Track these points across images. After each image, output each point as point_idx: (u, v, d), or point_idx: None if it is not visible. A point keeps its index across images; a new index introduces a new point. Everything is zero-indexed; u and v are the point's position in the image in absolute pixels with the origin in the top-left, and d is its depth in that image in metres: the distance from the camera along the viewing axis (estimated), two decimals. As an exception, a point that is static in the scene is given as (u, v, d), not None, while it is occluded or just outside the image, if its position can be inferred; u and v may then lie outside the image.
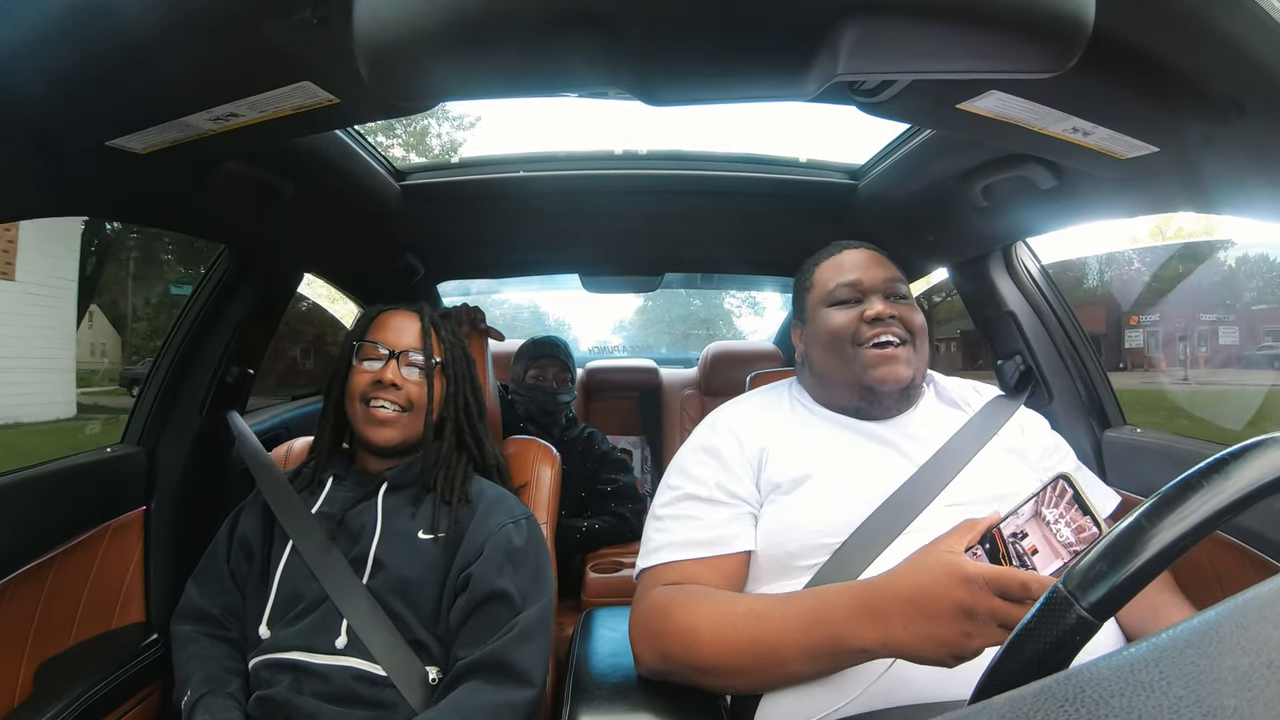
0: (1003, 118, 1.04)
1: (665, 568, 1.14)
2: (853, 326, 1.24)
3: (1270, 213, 1.10)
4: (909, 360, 1.22)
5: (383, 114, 1.20)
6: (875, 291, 1.25)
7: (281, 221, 1.56)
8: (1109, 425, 1.67)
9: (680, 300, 11.01)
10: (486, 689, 1.16)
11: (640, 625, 1.11)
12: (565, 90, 0.86)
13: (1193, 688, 0.30)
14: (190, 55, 0.84)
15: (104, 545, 1.42)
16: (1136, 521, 0.53)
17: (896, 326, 1.22)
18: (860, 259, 1.30)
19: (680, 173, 1.86)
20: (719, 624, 1.00)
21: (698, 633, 1.01)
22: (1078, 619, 0.50)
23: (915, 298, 1.30)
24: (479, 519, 1.32)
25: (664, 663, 1.06)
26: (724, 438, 1.24)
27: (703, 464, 1.22)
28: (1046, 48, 0.64)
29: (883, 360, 1.21)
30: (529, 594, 1.27)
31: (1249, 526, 1.19)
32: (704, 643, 1.00)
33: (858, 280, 1.27)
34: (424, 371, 1.39)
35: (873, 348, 1.21)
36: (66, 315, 3.53)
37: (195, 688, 1.18)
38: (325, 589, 1.22)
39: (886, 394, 1.23)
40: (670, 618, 1.05)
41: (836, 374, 1.27)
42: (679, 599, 1.07)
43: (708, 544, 1.13)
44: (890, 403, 1.25)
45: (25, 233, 2.90)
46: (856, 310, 1.25)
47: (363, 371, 1.36)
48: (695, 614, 1.03)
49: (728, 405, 1.36)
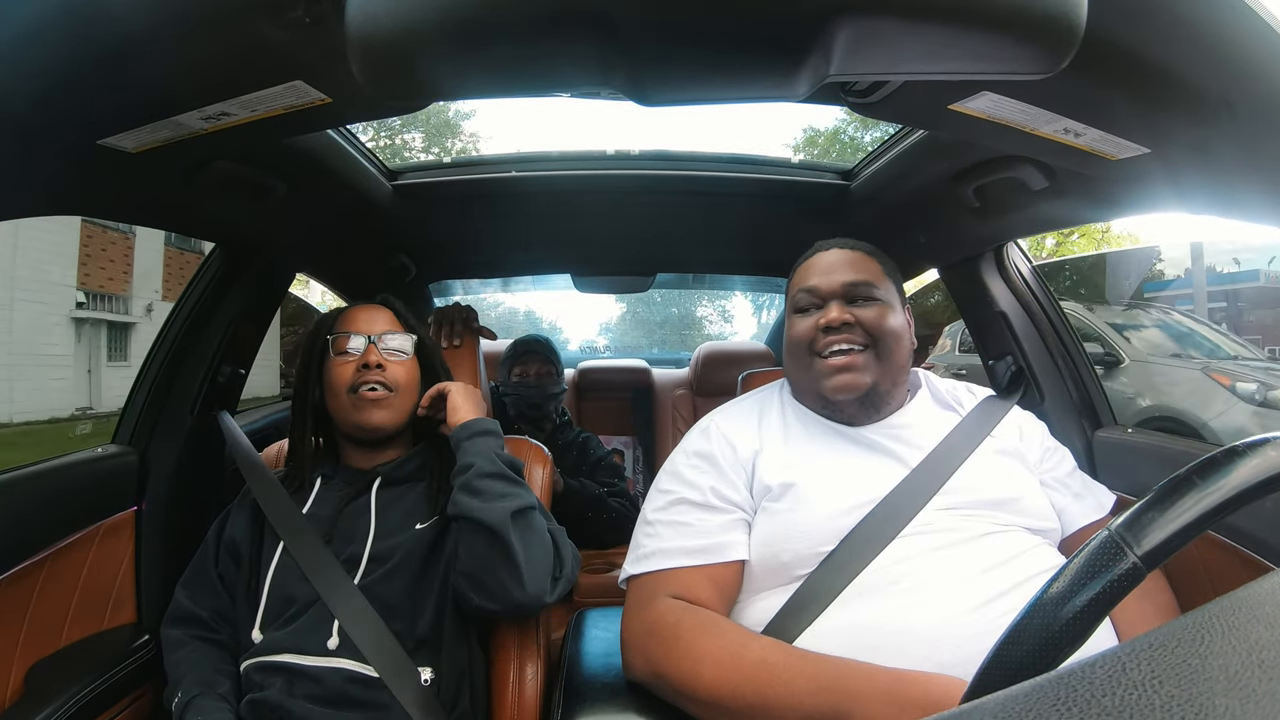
0: (995, 119, 1.04)
1: (659, 575, 1.12)
2: (810, 335, 1.23)
3: (1260, 214, 1.11)
4: (867, 366, 1.20)
5: (375, 114, 1.20)
6: (834, 297, 1.23)
7: (273, 221, 1.55)
8: (1100, 425, 1.68)
9: (658, 307, 11.24)
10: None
11: (638, 638, 1.09)
12: (557, 90, 0.86)
13: (1184, 687, 0.31)
14: (182, 54, 0.84)
15: (95, 546, 1.41)
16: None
17: (853, 333, 1.20)
18: (829, 261, 1.28)
19: (673, 173, 1.86)
20: (727, 665, 0.98)
21: (700, 668, 0.99)
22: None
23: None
24: None
25: (656, 680, 1.05)
26: (717, 444, 1.23)
27: (697, 469, 1.21)
28: (1039, 49, 0.64)
29: (835, 370, 1.19)
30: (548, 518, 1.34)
31: (1241, 527, 1.20)
32: (704, 680, 0.98)
33: (816, 286, 1.25)
34: (402, 353, 1.40)
35: (828, 357, 1.20)
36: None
37: (186, 689, 1.18)
38: (317, 590, 1.22)
39: (845, 404, 1.22)
40: (676, 641, 1.03)
41: (802, 381, 1.28)
42: (687, 623, 1.04)
43: (702, 551, 1.12)
44: (855, 410, 1.23)
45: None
46: (814, 318, 1.23)
47: (343, 363, 1.35)
48: (703, 646, 1.01)
49: (720, 410, 1.35)
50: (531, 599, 1.18)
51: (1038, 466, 1.26)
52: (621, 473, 2.62)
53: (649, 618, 1.09)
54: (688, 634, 1.03)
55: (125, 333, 7.45)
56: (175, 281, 7.80)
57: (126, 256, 7.35)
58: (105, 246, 7.16)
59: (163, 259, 7.16)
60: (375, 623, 1.20)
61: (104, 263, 7.21)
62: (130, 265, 7.38)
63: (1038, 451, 1.28)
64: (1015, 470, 1.20)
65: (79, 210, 1.18)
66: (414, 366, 1.41)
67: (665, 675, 1.03)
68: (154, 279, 7.71)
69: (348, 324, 1.39)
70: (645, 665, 1.07)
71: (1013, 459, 1.22)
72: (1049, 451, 1.30)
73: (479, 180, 1.85)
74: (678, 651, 1.02)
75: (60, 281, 6.73)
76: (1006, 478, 1.17)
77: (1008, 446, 1.24)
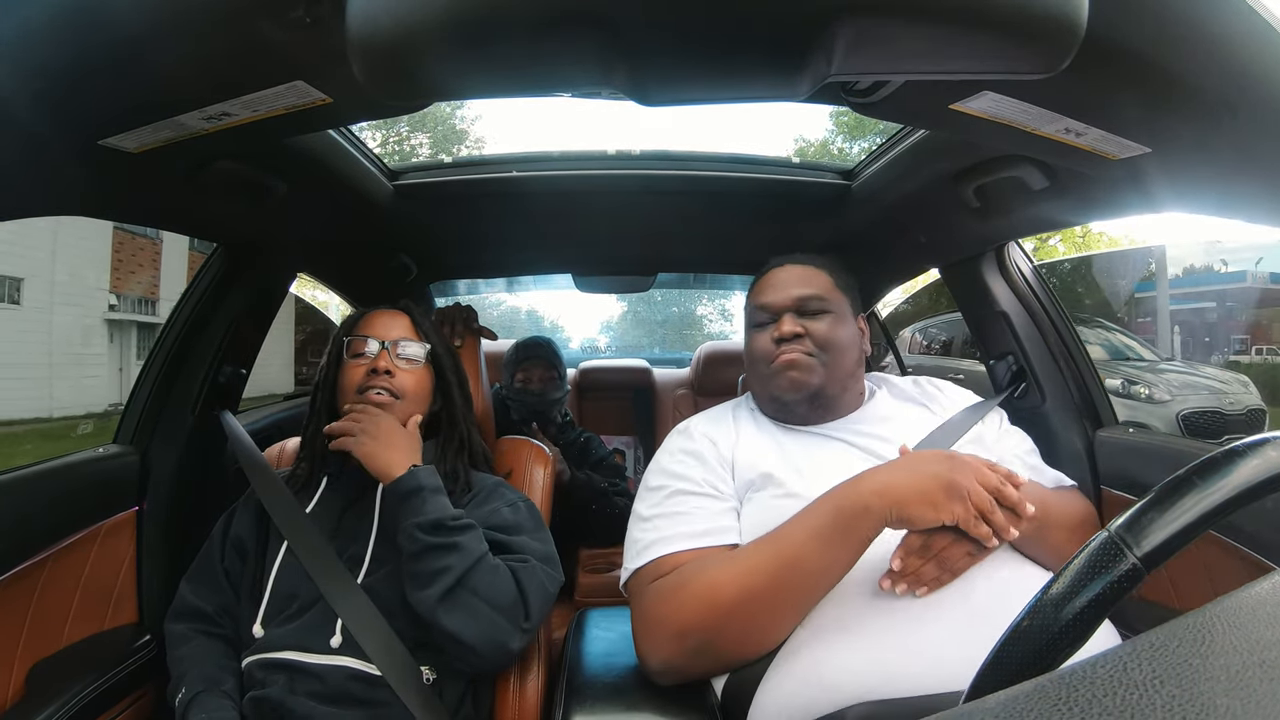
0: (996, 118, 1.04)
1: (659, 562, 1.13)
2: (766, 348, 1.31)
3: (1260, 215, 1.11)
4: (814, 369, 1.27)
5: (376, 114, 1.20)
6: (785, 310, 1.32)
7: (274, 221, 1.56)
8: (1101, 425, 1.68)
9: (659, 306, 11.30)
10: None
11: (648, 616, 1.10)
12: (558, 90, 0.86)
13: (1186, 686, 0.31)
14: (183, 54, 0.84)
15: (96, 546, 1.42)
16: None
17: (803, 343, 1.28)
18: (781, 278, 1.36)
19: (674, 173, 1.86)
20: (738, 560, 1.06)
21: (715, 581, 1.04)
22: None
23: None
24: (477, 502, 1.35)
25: (681, 641, 1.06)
26: (701, 441, 1.29)
27: (686, 464, 1.25)
28: (1040, 49, 0.64)
29: (784, 367, 1.27)
30: (531, 535, 1.32)
31: (1242, 526, 1.20)
32: (722, 585, 1.03)
33: (768, 302, 1.34)
34: (414, 361, 1.42)
35: (778, 359, 1.28)
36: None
37: (190, 686, 1.18)
38: (320, 589, 1.22)
39: (795, 403, 1.29)
40: (684, 586, 1.07)
41: (760, 390, 1.36)
42: (688, 571, 1.08)
43: (704, 534, 1.14)
44: (806, 411, 1.31)
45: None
46: (769, 331, 1.31)
47: (355, 366, 1.38)
48: (712, 570, 1.06)
49: (695, 417, 1.41)
50: (489, 662, 1.20)
51: (995, 446, 1.31)
52: (623, 472, 2.62)
53: (651, 596, 1.11)
54: (695, 575, 1.07)
55: (154, 334, 7.51)
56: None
57: (155, 260, 7.45)
58: (135, 251, 7.27)
59: (187, 262, 7.25)
60: (378, 622, 1.20)
61: (134, 267, 7.30)
62: (158, 269, 7.48)
63: (995, 433, 1.35)
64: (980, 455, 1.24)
65: (80, 210, 1.18)
66: (425, 375, 1.44)
67: (686, 624, 1.05)
68: (180, 281, 7.81)
69: (365, 327, 1.43)
70: (664, 632, 1.07)
71: (975, 445, 1.28)
72: (1006, 433, 1.37)
73: (480, 180, 1.84)
74: (690, 591, 1.06)
75: (96, 285, 6.88)
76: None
77: (971, 435, 1.30)
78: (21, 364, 6.43)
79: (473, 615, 1.15)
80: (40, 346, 6.47)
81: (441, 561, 1.16)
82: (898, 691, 0.92)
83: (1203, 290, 7.23)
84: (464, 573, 1.16)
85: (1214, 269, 7.17)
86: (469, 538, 1.19)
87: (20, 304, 6.20)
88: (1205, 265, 7.24)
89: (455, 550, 1.17)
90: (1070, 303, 7.19)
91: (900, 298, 7.97)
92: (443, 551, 1.17)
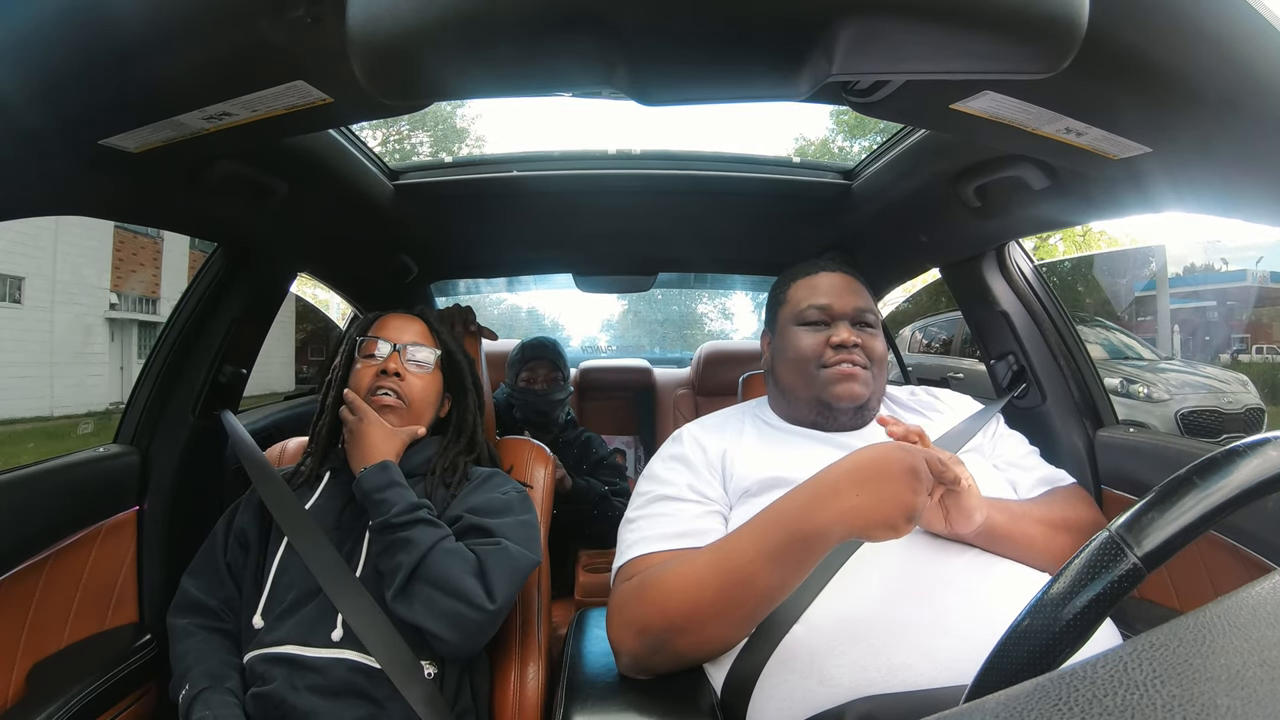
0: (996, 118, 1.04)
1: (636, 561, 1.15)
2: (819, 350, 1.30)
3: (1261, 214, 1.11)
4: (866, 381, 1.29)
5: (376, 113, 1.20)
6: (844, 318, 1.32)
7: (275, 221, 1.56)
8: (1102, 425, 1.68)
9: (659, 305, 11.31)
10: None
11: (616, 613, 1.12)
12: (559, 90, 0.86)
13: (1186, 686, 0.31)
14: (183, 54, 0.84)
15: (97, 545, 1.42)
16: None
17: (859, 354, 1.29)
18: (835, 283, 1.36)
19: (674, 173, 1.86)
20: (687, 572, 1.04)
21: (668, 588, 1.05)
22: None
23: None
24: (473, 490, 1.38)
25: (641, 639, 1.07)
26: (689, 447, 1.30)
27: (672, 469, 1.27)
28: (1040, 48, 0.64)
29: (843, 377, 1.27)
30: (513, 517, 1.33)
31: (1243, 526, 1.20)
32: (673, 593, 1.04)
33: (829, 305, 1.33)
34: (424, 365, 1.44)
35: (835, 366, 1.28)
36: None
37: (194, 682, 1.18)
38: (320, 583, 1.23)
39: (842, 410, 1.29)
40: (643, 588, 1.08)
41: (798, 390, 1.33)
42: (650, 574, 1.09)
43: (679, 536, 1.15)
44: (848, 418, 1.31)
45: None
46: (824, 334, 1.31)
47: (366, 367, 1.41)
48: (666, 576, 1.06)
49: (692, 423, 1.42)
50: (461, 647, 1.21)
51: (991, 453, 1.33)
52: (623, 472, 2.62)
53: (619, 594, 1.13)
54: (653, 578, 1.08)
55: (155, 333, 7.56)
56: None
57: (155, 259, 7.48)
58: (135, 250, 7.28)
59: (187, 261, 7.26)
60: (378, 616, 1.21)
61: (134, 266, 7.32)
62: (159, 268, 7.50)
63: (990, 441, 1.35)
64: (978, 464, 1.25)
65: (80, 210, 1.18)
66: (435, 380, 1.47)
67: (646, 624, 1.06)
68: (180, 280, 7.84)
69: (379, 330, 1.46)
70: (628, 632, 1.08)
71: (974, 454, 1.29)
72: (1001, 438, 1.37)
73: (480, 180, 1.84)
74: (646, 595, 1.07)
75: (96, 284, 6.90)
76: (977, 474, 1.20)
77: (971, 445, 1.31)
78: (23, 363, 6.45)
79: (429, 604, 1.18)
80: (41, 345, 6.49)
81: (393, 559, 1.21)
82: (897, 686, 0.92)
83: (1203, 289, 7.22)
84: (415, 566, 1.19)
85: (1214, 268, 7.16)
86: (418, 531, 1.22)
87: (21, 303, 6.22)
88: (1205, 265, 7.23)
89: (404, 546, 1.21)
90: (1070, 302, 7.19)
91: (900, 297, 7.94)
92: (393, 549, 1.22)
